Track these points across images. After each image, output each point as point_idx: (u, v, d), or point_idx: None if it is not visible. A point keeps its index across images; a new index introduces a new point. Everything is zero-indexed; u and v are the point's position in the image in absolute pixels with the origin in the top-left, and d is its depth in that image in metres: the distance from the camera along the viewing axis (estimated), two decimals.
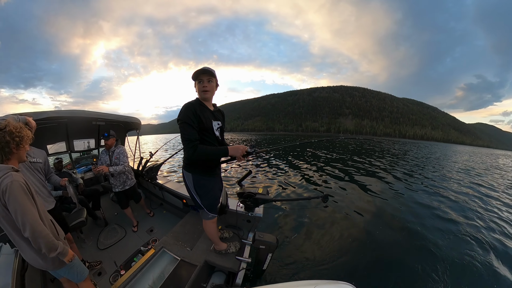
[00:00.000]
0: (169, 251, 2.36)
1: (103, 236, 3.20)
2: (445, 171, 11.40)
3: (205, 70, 1.63)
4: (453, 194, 6.66)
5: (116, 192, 3.23)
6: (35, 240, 1.34)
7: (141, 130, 4.58)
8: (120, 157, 3.04)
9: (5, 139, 1.36)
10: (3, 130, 1.36)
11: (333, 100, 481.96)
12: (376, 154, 17.53)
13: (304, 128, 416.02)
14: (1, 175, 1.31)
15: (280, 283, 1.41)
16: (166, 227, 3.28)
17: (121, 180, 3.14)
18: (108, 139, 2.99)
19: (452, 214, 4.96)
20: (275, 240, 2.12)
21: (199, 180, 1.83)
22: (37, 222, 1.35)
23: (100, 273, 2.51)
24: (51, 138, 4.04)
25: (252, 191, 2.11)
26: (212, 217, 1.99)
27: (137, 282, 2.05)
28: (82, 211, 2.86)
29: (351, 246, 3.55)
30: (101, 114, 3.64)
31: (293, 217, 4.44)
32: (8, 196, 1.28)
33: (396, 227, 4.22)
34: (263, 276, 2.49)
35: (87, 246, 2.99)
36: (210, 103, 1.82)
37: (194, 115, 1.62)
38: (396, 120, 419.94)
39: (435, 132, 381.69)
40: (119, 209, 3.92)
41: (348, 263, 3.10)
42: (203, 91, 1.69)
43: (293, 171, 9.07)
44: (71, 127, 3.89)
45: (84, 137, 4.79)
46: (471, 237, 3.95)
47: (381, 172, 9.57)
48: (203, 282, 2.07)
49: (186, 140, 1.58)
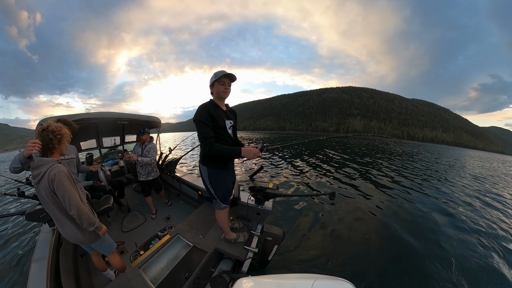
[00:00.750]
0: (183, 237, 2.46)
1: (126, 220, 3.41)
2: (462, 178, 10.07)
3: (232, 77, 1.74)
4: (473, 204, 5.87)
5: (141, 181, 3.44)
6: (79, 217, 1.56)
7: (161, 128, 4.74)
8: (150, 151, 3.33)
9: (48, 137, 1.53)
10: (46, 130, 1.53)
11: (342, 101, 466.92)
12: (392, 156, 16.63)
13: (314, 128, 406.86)
14: (49, 167, 1.49)
15: (281, 274, 1.43)
16: (182, 215, 3.41)
17: (147, 171, 3.37)
18: (143, 135, 3.34)
19: (473, 225, 4.41)
20: (282, 233, 2.13)
21: (213, 173, 1.91)
22: (80, 203, 1.57)
23: (123, 252, 2.70)
24: (84, 136, 4.35)
25: (263, 186, 2.15)
26: (224, 207, 2.06)
27: (153, 262, 2.18)
28: (109, 198, 3.05)
29: (357, 247, 3.35)
30: (125, 115, 3.89)
31: (301, 212, 4.42)
32: (56, 183, 1.46)
33: (410, 233, 3.84)
34: (267, 266, 2.52)
35: (113, 228, 3.21)
36: (223, 104, 1.91)
37: (208, 114, 1.71)
38: (405, 121, 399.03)
39: (446, 135, 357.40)
40: (140, 198, 4.13)
41: (353, 263, 2.96)
42: (224, 92, 1.77)
43: (304, 169, 8.98)
44: (100, 126, 4.15)
45: (111, 134, 5.05)
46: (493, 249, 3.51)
47: (394, 174, 9.11)
48: (211, 267, 2.15)
49: (203, 137, 1.68)
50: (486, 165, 18.35)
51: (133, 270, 1.97)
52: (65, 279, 1.86)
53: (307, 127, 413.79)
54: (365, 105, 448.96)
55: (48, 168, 1.48)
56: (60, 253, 2.12)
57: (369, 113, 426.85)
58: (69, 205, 1.51)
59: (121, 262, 2.13)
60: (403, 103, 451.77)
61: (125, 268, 2.10)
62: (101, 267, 2.14)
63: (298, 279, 1.27)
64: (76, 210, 1.53)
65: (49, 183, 1.46)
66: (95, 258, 2.09)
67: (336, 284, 1.14)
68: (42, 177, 1.47)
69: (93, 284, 2.21)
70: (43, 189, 1.49)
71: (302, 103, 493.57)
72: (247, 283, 1.30)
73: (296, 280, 1.26)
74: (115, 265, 2.10)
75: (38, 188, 1.50)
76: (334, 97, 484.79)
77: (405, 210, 4.90)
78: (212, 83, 1.78)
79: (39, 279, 1.61)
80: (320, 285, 1.12)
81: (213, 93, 1.84)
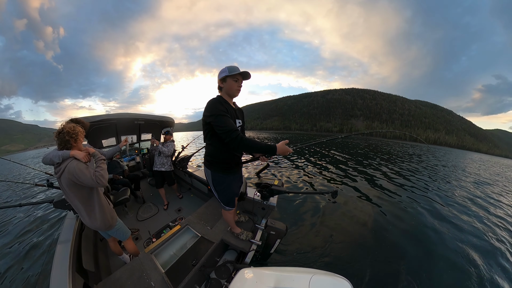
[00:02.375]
0: (192, 228, 2.49)
1: (141, 210, 3.49)
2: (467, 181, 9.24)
3: (247, 75, 1.54)
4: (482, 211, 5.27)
5: (155, 171, 3.58)
6: (102, 175, 1.63)
7: (174, 128, 4.82)
8: (169, 146, 3.54)
9: (65, 138, 1.61)
10: (62, 132, 1.61)
11: (345, 102, 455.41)
12: (404, 158, 15.89)
13: (318, 128, 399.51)
14: (68, 163, 1.58)
15: (282, 267, 1.41)
16: (192, 208, 3.45)
17: (161, 162, 3.53)
18: (167, 135, 3.66)
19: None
20: (285, 228, 2.11)
21: (218, 177, 1.76)
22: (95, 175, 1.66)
23: (137, 238, 2.78)
24: (105, 134, 4.52)
25: (269, 183, 2.14)
26: (229, 209, 1.98)
27: (164, 249, 2.25)
28: (127, 190, 3.14)
29: (356, 246, 3.23)
30: (141, 115, 4.04)
31: (304, 209, 4.34)
32: (77, 175, 1.55)
33: (410, 237, 3.57)
34: (269, 259, 2.51)
35: (129, 217, 3.31)
36: (232, 102, 1.70)
37: (223, 107, 1.48)
38: (408, 123, 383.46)
39: (449, 137, 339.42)
40: (154, 191, 4.22)
41: (351, 262, 2.83)
42: (236, 90, 1.57)
43: (307, 167, 8.81)
44: (119, 126, 4.30)
45: (129, 133, 5.19)
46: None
47: (397, 176, 8.64)
48: (217, 257, 2.15)
49: (227, 131, 1.38)
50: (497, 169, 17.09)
51: (146, 255, 2.04)
52: (86, 259, 1.96)
53: (311, 127, 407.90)
54: (367, 106, 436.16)
55: (67, 163, 1.56)
56: (82, 237, 2.21)
57: (372, 114, 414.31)
58: (95, 180, 1.54)
59: (135, 248, 2.20)
60: (405, 104, 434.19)
61: (139, 253, 2.17)
62: (117, 252, 2.22)
63: (297, 273, 1.24)
64: (100, 177, 1.56)
65: (69, 175, 1.54)
66: (112, 243, 2.16)
67: (333, 280, 1.11)
68: (63, 171, 1.55)
69: (110, 265, 2.31)
70: (64, 182, 1.58)
71: (307, 104, 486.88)
72: (249, 273, 1.30)
73: (295, 273, 1.24)
74: (129, 250, 2.17)
75: (61, 181, 1.59)
76: (338, 98, 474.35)
77: (407, 214, 4.57)
78: (223, 78, 1.52)
79: (63, 258, 1.70)
80: (317, 280, 1.10)
81: (222, 88, 1.58)
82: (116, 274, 1.83)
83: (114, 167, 3.90)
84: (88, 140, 3.70)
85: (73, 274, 1.57)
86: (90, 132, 3.57)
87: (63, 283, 1.44)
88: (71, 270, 1.58)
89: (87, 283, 1.72)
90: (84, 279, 1.74)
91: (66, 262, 1.64)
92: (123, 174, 3.92)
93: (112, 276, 1.81)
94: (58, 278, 1.49)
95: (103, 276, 2.04)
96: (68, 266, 1.59)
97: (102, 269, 2.15)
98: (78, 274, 1.71)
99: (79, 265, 1.84)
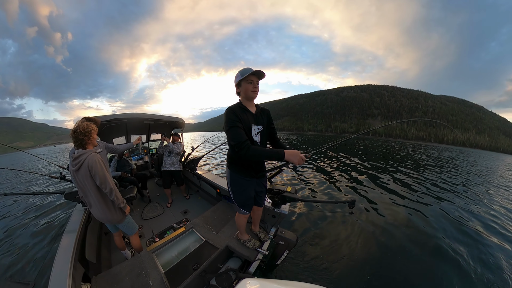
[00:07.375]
0: (197, 231, 2.45)
1: (146, 209, 3.53)
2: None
3: (261, 74, 1.51)
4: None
5: (164, 171, 3.64)
6: (111, 193, 1.78)
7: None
8: (178, 145, 3.67)
9: (79, 137, 1.74)
10: (77, 131, 1.74)
11: (361, 100, 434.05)
12: (428, 161, 14.76)
13: (333, 129, 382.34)
14: (87, 155, 1.72)
15: (288, 281, 1.28)
16: (199, 211, 3.40)
17: (171, 161, 3.61)
18: (175, 136, 3.86)
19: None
20: (295, 238, 1.96)
21: (236, 177, 1.77)
22: (113, 183, 1.81)
23: (140, 236, 2.80)
24: (116, 133, 4.68)
25: (281, 189, 2.03)
26: (244, 212, 1.91)
27: (166, 249, 2.25)
28: (134, 188, 3.18)
29: (373, 265, 2.81)
30: (151, 115, 4.12)
31: (318, 219, 3.99)
32: (94, 169, 1.68)
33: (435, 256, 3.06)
34: (275, 270, 2.36)
35: (134, 215, 3.35)
36: (252, 104, 1.68)
37: (236, 116, 1.52)
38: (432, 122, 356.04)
39: (480, 137, 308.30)
40: (161, 191, 4.26)
41: (364, 283, 2.48)
42: (253, 92, 1.56)
43: (324, 173, 8.16)
44: (129, 125, 4.42)
45: (138, 133, 5.34)
46: None
47: (421, 186, 7.44)
48: (220, 263, 2.07)
49: (235, 144, 1.47)
50: None
51: (147, 254, 2.07)
52: (89, 251, 2.04)
53: (326, 127, 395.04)
54: (385, 104, 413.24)
55: (86, 156, 1.71)
56: (88, 229, 2.30)
57: (390, 113, 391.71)
58: (105, 184, 1.75)
59: (139, 244, 2.28)
60: (429, 101, 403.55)
61: (142, 250, 2.22)
62: (120, 246, 2.29)
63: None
64: (109, 188, 1.77)
65: (89, 168, 1.68)
66: (117, 238, 2.25)
67: None
68: (82, 164, 1.69)
69: (111, 259, 2.38)
70: (82, 175, 1.72)
71: (320, 103, 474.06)
72: (252, 284, 1.18)
73: None
74: (134, 246, 2.25)
75: (77, 174, 1.73)
76: (353, 96, 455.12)
77: (431, 228, 3.90)
78: (238, 83, 1.57)
79: (68, 247, 1.77)
80: None
81: (239, 93, 1.62)
82: (116, 268, 1.89)
83: (123, 165, 3.99)
84: (100, 138, 3.82)
85: (75, 263, 1.64)
86: (102, 131, 3.69)
87: (65, 269, 1.51)
88: (74, 259, 1.65)
89: (87, 273, 1.79)
90: (84, 269, 1.81)
91: (70, 250, 1.72)
92: (131, 173, 4.00)
93: (112, 269, 1.87)
94: (61, 264, 1.56)
95: (103, 268, 2.11)
96: (71, 255, 1.66)
97: (103, 262, 2.23)
98: (80, 264, 1.78)
99: (82, 255, 1.92)
